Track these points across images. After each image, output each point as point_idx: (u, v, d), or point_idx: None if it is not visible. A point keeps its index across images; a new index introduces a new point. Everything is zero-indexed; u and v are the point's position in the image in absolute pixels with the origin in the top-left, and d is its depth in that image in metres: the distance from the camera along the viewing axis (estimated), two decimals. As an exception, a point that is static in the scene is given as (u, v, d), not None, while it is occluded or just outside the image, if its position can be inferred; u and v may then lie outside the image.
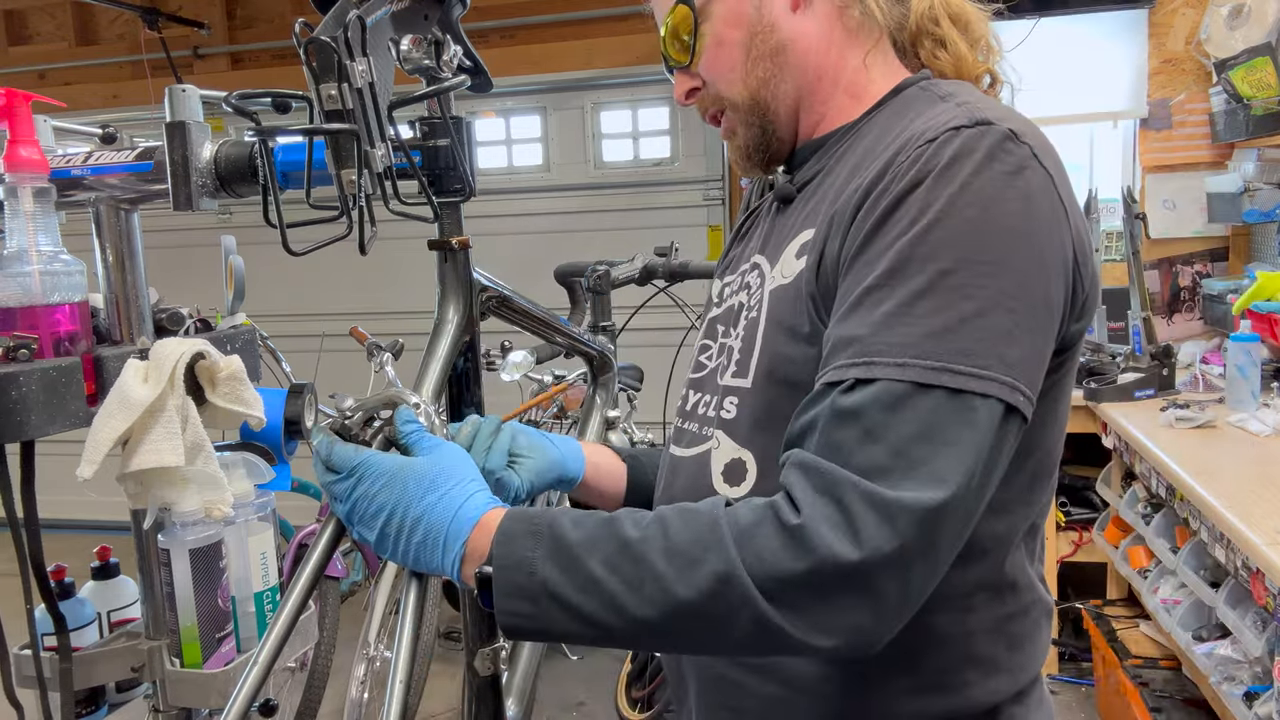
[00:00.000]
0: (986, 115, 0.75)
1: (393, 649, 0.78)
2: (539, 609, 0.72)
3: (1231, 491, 1.97)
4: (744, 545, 0.68)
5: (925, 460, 0.67)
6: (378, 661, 2.59)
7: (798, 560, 0.67)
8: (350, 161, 0.80)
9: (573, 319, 2.12)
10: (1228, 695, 2.03)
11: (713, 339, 0.95)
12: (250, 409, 1.13)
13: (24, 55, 5.12)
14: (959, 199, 0.71)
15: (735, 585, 0.68)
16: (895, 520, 0.66)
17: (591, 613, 0.71)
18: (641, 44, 4.28)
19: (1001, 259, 0.71)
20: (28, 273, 1.03)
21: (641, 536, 0.71)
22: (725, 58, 0.89)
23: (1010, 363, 0.70)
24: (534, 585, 0.72)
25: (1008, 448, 0.72)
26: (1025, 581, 0.86)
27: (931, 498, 0.66)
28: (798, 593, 0.67)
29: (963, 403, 0.68)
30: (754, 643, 0.69)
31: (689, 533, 0.70)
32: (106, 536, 1.58)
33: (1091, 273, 0.79)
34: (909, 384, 0.68)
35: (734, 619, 0.68)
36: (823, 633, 0.68)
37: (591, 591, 0.71)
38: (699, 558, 0.69)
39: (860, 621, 0.68)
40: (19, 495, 1.09)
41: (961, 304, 0.70)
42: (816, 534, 0.66)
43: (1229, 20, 3.04)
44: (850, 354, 0.72)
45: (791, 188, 0.91)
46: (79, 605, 1.31)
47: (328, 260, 1.43)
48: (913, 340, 0.69)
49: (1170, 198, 3.48)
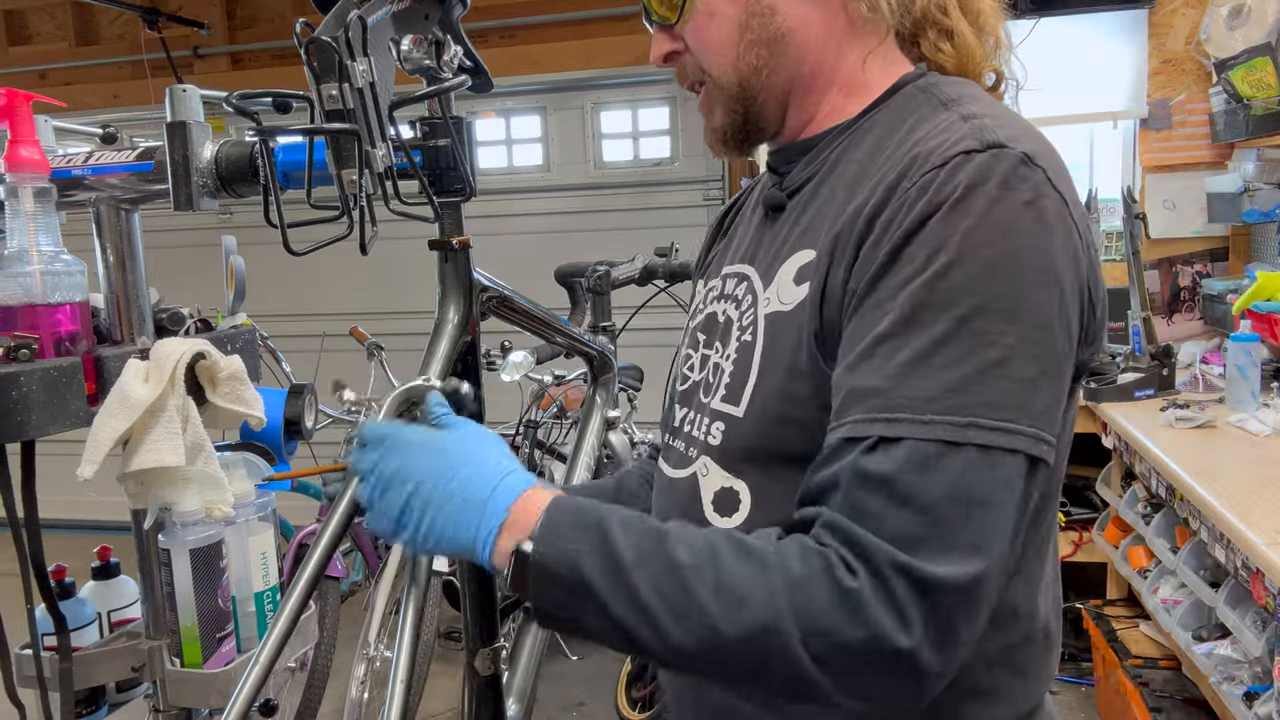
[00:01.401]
0: (998, 136, 0.71)
1: (393, 649, 0.78)
2: (575, 603, 0.70)
3: (1231, 491, 1.97)
4: (795, 598, 0.66)
5: (961, 527, 0.65)
6: (378, 661, 2.59)
7: (853, 629, 0.65)
8: (351, 161, 0.80)
9: (573, 319, 2.12)
10: (1228, 695, 2.03)
11: (695, 349, 0.92)
12: (250, 409, 1.13)
13: (24, 55, 5.12)
14: (974, 236, 0.68)
15: (780, 637, 0.66)
16: (938, 603, 0.64)
17: (630, 627, 0.69)
18: (641, 44, 4.26)
19: (1022, 301, 0.67)
20: (28, 273, 1.04)
21: (694, 565, 0.68)
22: (716, 32, 0.83)
23: (1035, 413, 0.67)
24: (575, 580, 0.69)
25: (1034, 499, 0.70)
26: (1029, 610, 0.82)
27: (972, 571, 0.64)
28: (846, 659, 0.65)
29: (993, 459, 0.66)
30: (786, 690, 0.68)
31: (741, 570, 0.68)
32: (106, 536, 1.58)
33: (1102, 296, 0.76)
34: (938, 443, 0.65)
35: (773, 667, 0.67)
36: (862, 699, 0.67)
37: (633, 607, 0.68)
38: (747, 599, 0.66)
39: (903, 693, 0.67)
40: (19, 495, 1.09)
41: (983, 352, 0.66)
42: (870, 608, 0.64)
43: (1229, 20, 3.04)
44: (869, 408, 0.68)
45: (782, 195, 0.87)
46: (79, 605, 1.31)
47: (328, 260, 1.43)
48: (935, 394, 0.66)
49: (1170, 198, 3.48)
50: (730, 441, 0.83)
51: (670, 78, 5.01)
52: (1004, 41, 0.87)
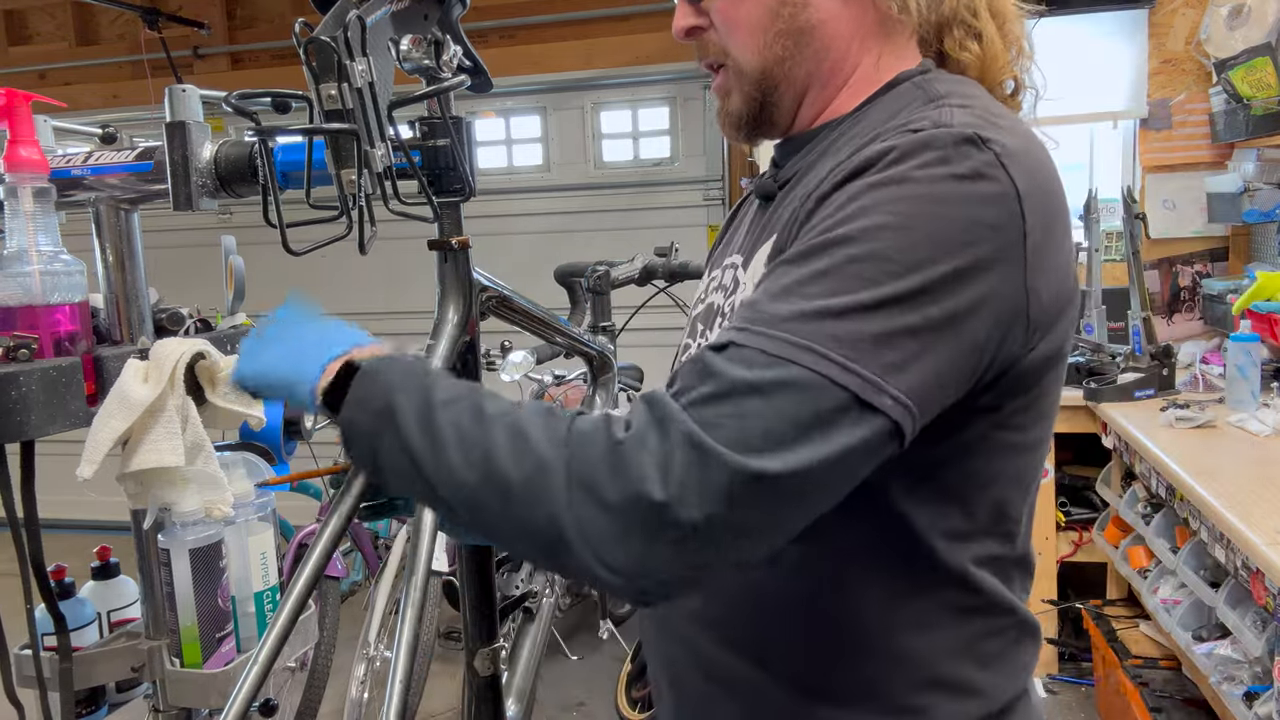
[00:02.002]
0: (953, 119, 0.71)
1: (393, 649, 0.78)
2: (379, 426, 0.72)
3: (1231, 491, 1.97)
4: (573, 447, 0.66)
5: (764, 432, 0.63)
6: (378, 661, 2.59)
7: (612, 478, 0.64)
8: (350, 161, 0.81)
9: (573, 319, 2.12)
10: (1228, 695, 2.03)
11: (693, 337, 0.94)
12: (250, 409, 1.13)
13: (24, 55, 5.12)
14: (892, 192, 0.68)
15: (549, 479, 0.65)
16: (709, 471, 0.62)
17: (418, 455, 0.70)
18: (641, 44, 4.28)
19: (918, 262, 0.66)
20: (28, 273, 1.03)
21: (497, 412, 0.70)
22: (746, 14, 0.82)
23: (884, 363, 0.65)
24: (384, 405, 0.72)
25: (864, 448, 0.66)
26: (1000, 601, 0.82)
27: (753, 465, 0.62)
28: (599, 514, 0.64)
29: (819, 386, 0.64)
30: (548, 548, 0.66)
31: (537, 420, 0.68)
32: (106, 536, 1.58)
33: (1055, 299, 0.73)
34: (770, 355, 0.65)
35: (538, 515, 0.66)
36: (613, 568, 0.65)
37: (427, 435, 0.70)
38: (533, 441, 0.67)
39: (647, 562, 0.64)
40: (19, 495, 1.09)
41: (855, 294, 0.66)
42: (634, 456, 0.64)
43: (1229, 20, 3.04)
44: (740, 318, 0.69)
45: (773, 184, 0.88)
46: (79, 605, 1.31)
47: (328, 260, 1.43)
48: (791, 315, 0.66)
49: (1170, 198, 3.48)
50: None
51: (670, 77, 4.98)
52: (1026, 50, 0.87)
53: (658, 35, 4.23)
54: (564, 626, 3.62)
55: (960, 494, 0.78)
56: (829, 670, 0.82)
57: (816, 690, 0.82)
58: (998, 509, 0.80)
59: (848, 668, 0.81)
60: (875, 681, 0.81)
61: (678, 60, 4.26)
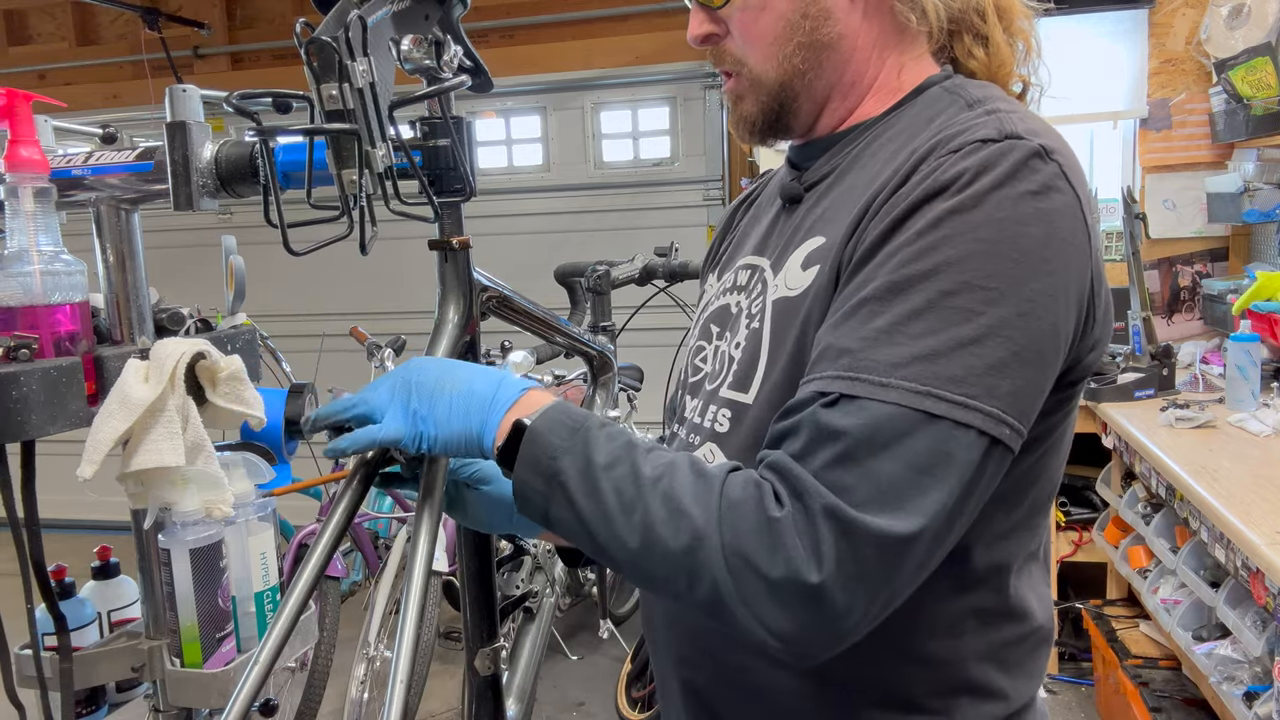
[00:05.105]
0: (1017, 128, 0.72)
1: (393, 649, 0.78)
2: (549, 490, 0.75)
3: (1231, 491, 1.97)
4: (726, 517, 0.69)
5: (898, 488, 0.66)
6: (378, 661, 2.59)
7: (769, 555, 0.67)
8: (351, 161, 0.80)
9: (573, 319, 2.12)
10: (1228, 695, 2.03)
11: (708, 340, 0.93)
12: (250, 409, 1.13)
13: (24, 55, 5.12)
14: (973, 217, 0.68)
15: (707, 551, 0.68)
16: (858, 547, 0.65)
17: (587, 519, 0.73)
18: (641, 44, 4.28)
19: (1009, 285, 0.68)
20: (28, 273, 1.03)
21: (653, 475, 0.72)
22: (765, 25, 0.82)
23: (1001, 394, 0.67)
24: (551, 470, 0.74)
25: (988, 480, 0.69)
26: (1023, 608, 0.83)
27: (898, 529, 0.65)
28: (758, 585, 0.67)
29: (944, 431, 0.66)
30: (710, 608, 0.70)
31: (690, 486, 0.71)
32: (106, 536, 1.58)
33: (1105, 300, 0.76)
34: (893, 406, 0.66)
35: (699, 578, 0.69)
36: (770, 632, 0.68)
37: (593, 500, 0.73)
38: (688, 510, 0.69)
39: (809, 632, 0.67)
40: (19, 495, 1.09)
41: (958, 328, 0.67)
42: (788, 538, 0.66)
43: (1229, 20, 3.04)
44: (839, 366, 0.70)
45: (799, 187, 0.88)
46: (79, 605, 1.31)
47: (328, 260, 1.43)
48: (901, 360, 0.67)
49: (1170, 198, 3.48)
50: (738, 428, 0.84)
51: (670, 78, 4.99)
52: (1034, 47, 0.87)
53: (657, 35, 4.24)
54: (564, 626, 3.62)
55: (1007, 492, 0.77)
56: (856, 671, 0.81)
57: (841, 691, 0.82)
58: (1034, 505, 0.82)
59: (880, 669, 0.81)
60: (905, 684, 0.81)
61: (677, 60, 4.26)
